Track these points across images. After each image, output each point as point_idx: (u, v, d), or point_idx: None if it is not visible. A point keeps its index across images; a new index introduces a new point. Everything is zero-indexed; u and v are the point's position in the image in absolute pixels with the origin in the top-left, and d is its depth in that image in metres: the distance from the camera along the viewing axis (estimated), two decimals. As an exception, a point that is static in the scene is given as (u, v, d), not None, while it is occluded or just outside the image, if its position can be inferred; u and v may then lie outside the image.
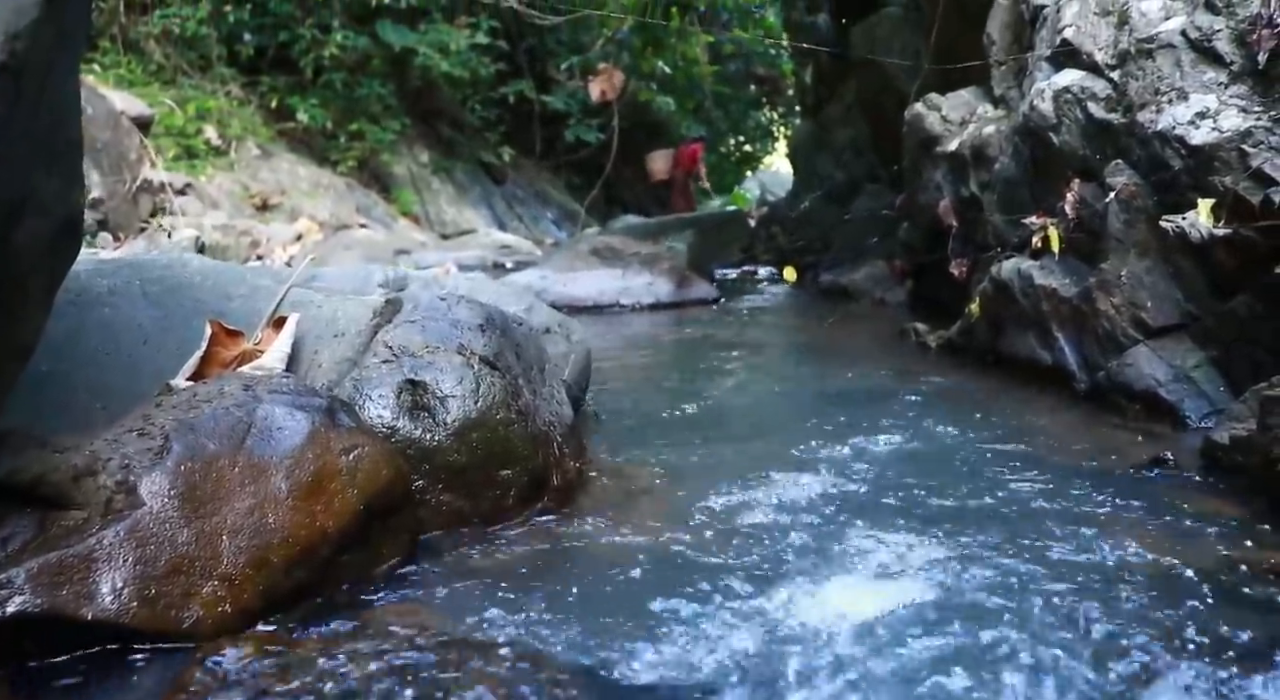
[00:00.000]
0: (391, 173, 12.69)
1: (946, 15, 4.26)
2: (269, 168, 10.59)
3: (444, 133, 13.54)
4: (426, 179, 12.94)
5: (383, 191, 12.50)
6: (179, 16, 10.73)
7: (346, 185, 11.31)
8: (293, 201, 10.11)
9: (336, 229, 10.21)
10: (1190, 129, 2.20)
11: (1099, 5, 2.68)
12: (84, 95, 6.32)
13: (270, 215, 9.82)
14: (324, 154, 12.05)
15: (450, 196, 13.05)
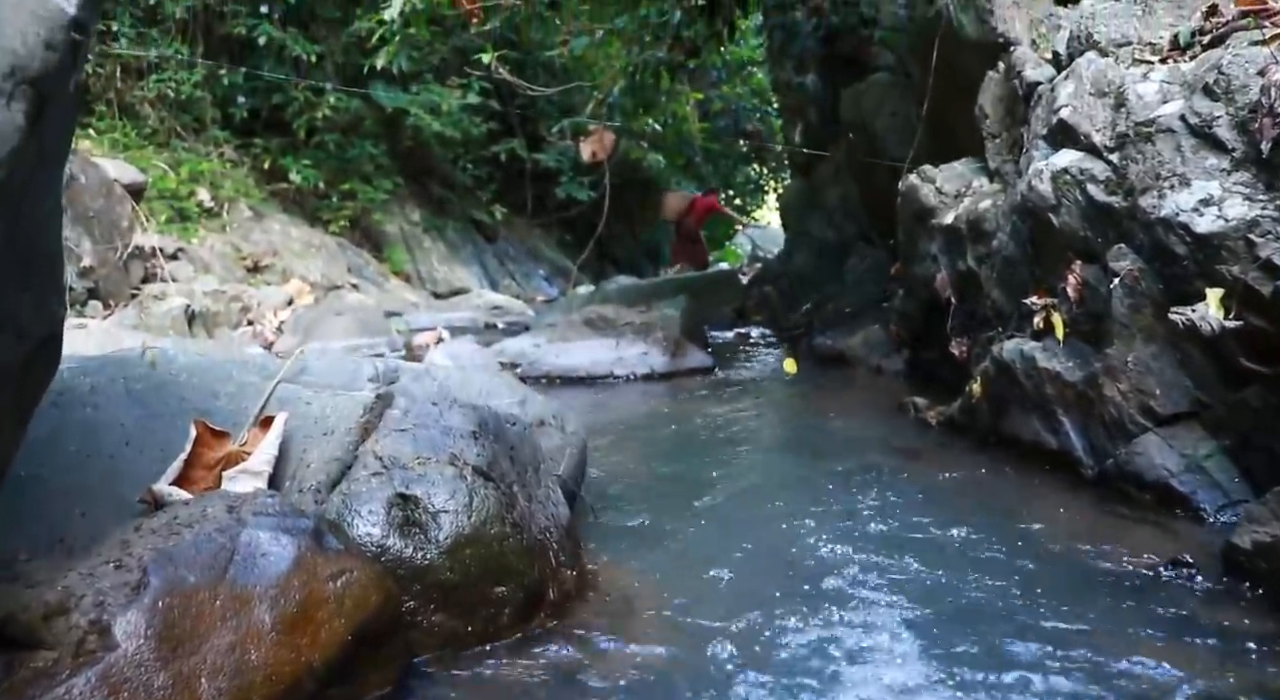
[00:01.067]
0: (383, 231, 12.70)
1: (937, 85, 4.27)
2: (261, 229, 10.58)
3: (435, 191, 13.58)
4: (418, 237, 12.96)
5: (374, 250, 12.51)
6: (174, 80, 10.79)
7: (338, 245, 11.30)
8: (284, 263, 10.09)
9: (328, 290, 10.19)
10: (1194, 216, 2.17)
11: (1095, 86, 2.67)
12: (77, 164, 6.33)
13: (262, 277, 9.80)
14: (316, 214, 12.06)
15: (442, 255, 13.06)
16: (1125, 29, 2.80)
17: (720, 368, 5.29)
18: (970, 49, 3.84)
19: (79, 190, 6.26)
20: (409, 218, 13.03)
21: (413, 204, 13.21)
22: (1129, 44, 2.75)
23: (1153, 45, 2.69)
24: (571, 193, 14.09)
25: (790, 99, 9.74)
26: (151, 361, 2.08)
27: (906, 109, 5.28)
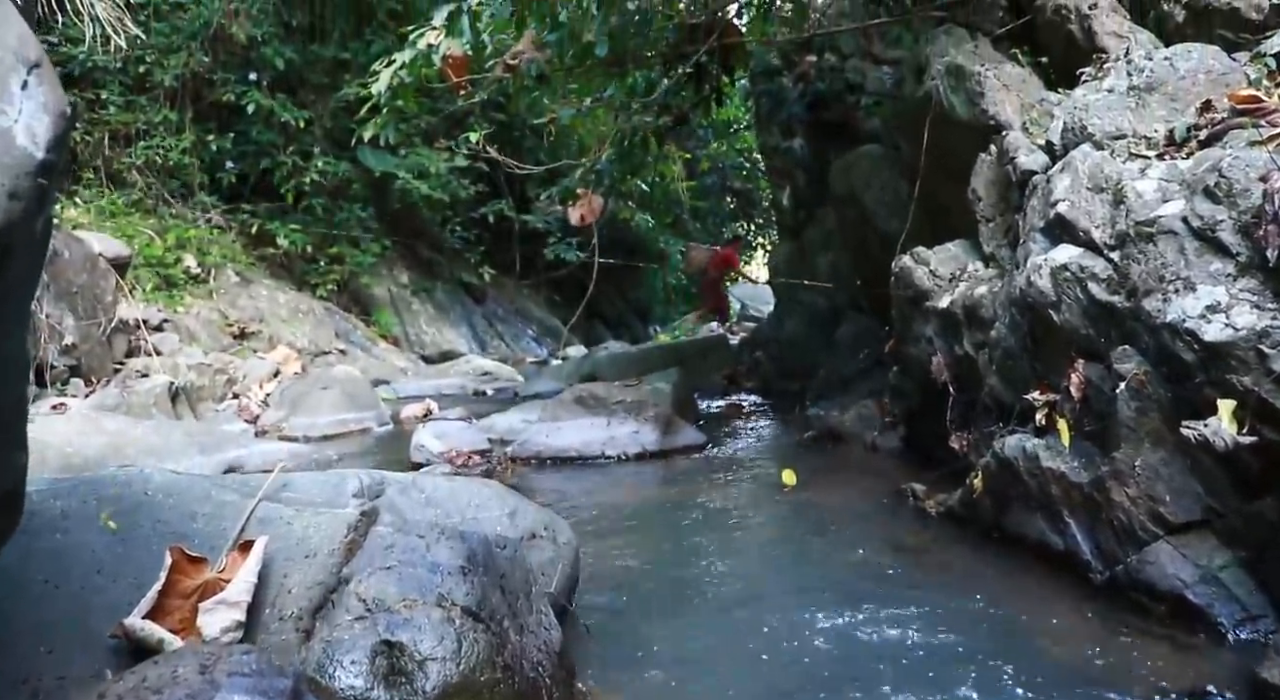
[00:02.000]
0: (371, 295, 12.65)
1: (929, 163, 4.26)
2: (248, 294, 10.51)
3: (424, 254, 13.56)
4: (406, 300, 12.91)
5: (363, 314, 12.44)
6: (162, 147, 10.79)
7: (326, 310, 11.23)
8: (271, 329, 10.00)
9: (315, 356, 10.10)
10: (1202, 323, 2.12)
11: (1091, 181, 2.64)
12: (60, 239, 6.26)
13: (249, 344, 9.69)
14: (303, 278, 12.01)
15: (430, 317, 13.00)
16: (1119, 121, 2.78)
17: (713, 444, 5.20)
18: (961, 129, 3.83)
19: (63, 266, 6.19)
20: (397, 280, 12.99)
21: (401, 266, 13.18)
22: (1124, 137, 2.73)
23: (1148, 139, 2.67)
24: (560, 254, 14.09)
25: (778, 162, 9.79)
26: (109, 526, 1.98)
27: (896, 182, 5.28)
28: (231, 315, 9.95)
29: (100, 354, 6.35)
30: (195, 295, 9.87)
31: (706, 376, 8.16)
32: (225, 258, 10.65)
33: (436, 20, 5.74)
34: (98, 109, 10.58)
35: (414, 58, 5.93)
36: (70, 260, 6.24)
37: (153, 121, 10.89)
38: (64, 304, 6.05)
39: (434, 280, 13.40)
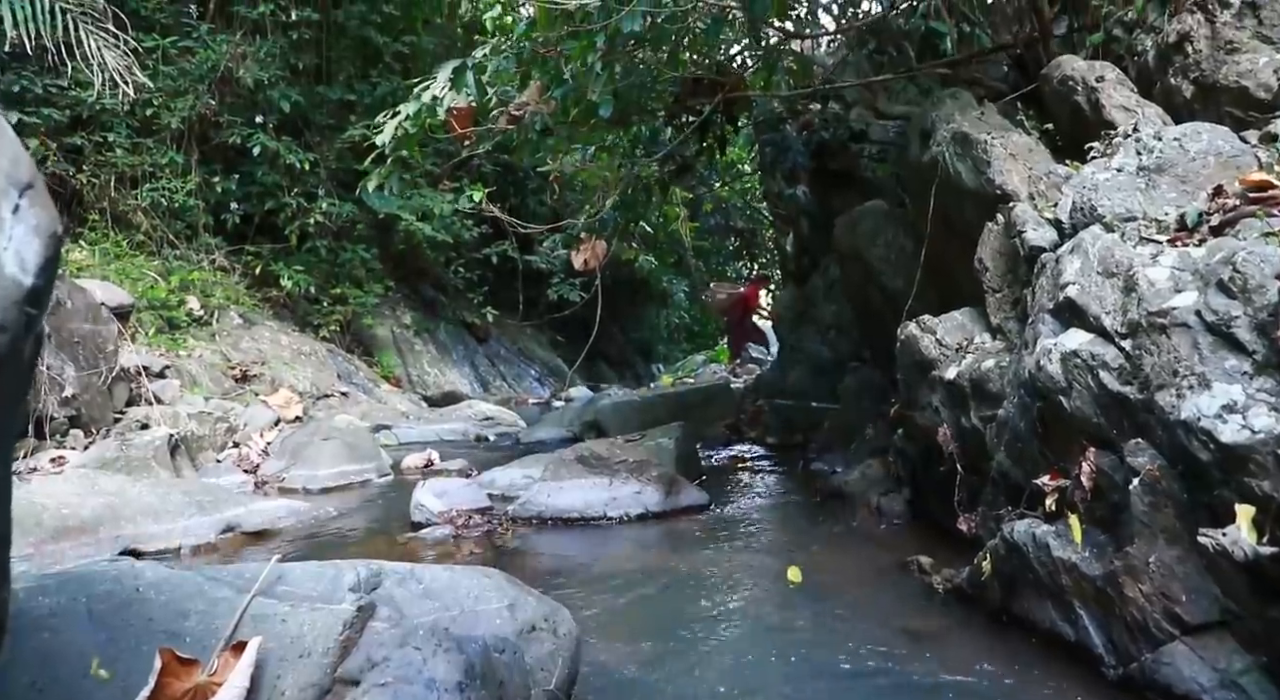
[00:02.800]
0: (374, 335, 12.65)
1: (935, 227, 4.24)
2: (250, 336, 10.49)
3: (427, 294, 13.58)
4: (409, 340, 12.90)
5: (365, 354, 12.43)
6: (168, 189, 10.83)
7: (328, 351, 11.21)
8: (273, 371, 9.97)
9: (317, 399, 10.06)
10: (1218, 423, 2.07)
11: (1102, 265, 2.60)
12: (64, 289, 6.24)
13: (251, 386, 9.67)
14: (306, 318, 12.01)
15: (432, 357, 12.99)
16: (1129, 203, 2.75)
17: (716, 504, 5.14)
18: (968, 196, 3.81)
19: (65, 316, 6.17)
20: (400, 320, 12.99)
21: (404, 306, 13.19)
22: (1134, 219, 2.70)
23: (1159, 222, 2.64)
24: (563, 294, 14.10)
25: (782, 208, 9.80)
26: (100, 675, 1.92)
27: (901, 240, 5.26)
28: (234, 357, 9.93)
29: (101, 403, 6.31)
30: (198, 337, 9.85)
31: (710, 425, 8.11)
32: (228, 299, 10.66)
33: (441, 76, 5.77)
34: (105, 152, 10.64)
35: (419, 110, 5.95)
36: (73, 310, 6.22)
37: (159, 164, 10.95)
38: (65, 354, 6.02)
39: (437, 320, 13.41)
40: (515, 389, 13.88)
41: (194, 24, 11.40)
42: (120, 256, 10.18)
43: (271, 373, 9.97)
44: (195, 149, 11.40)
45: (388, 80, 13.00)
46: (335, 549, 4.49)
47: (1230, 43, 3.11)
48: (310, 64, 12.65)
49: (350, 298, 12.07)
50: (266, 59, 11.46)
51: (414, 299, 13.43)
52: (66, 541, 4.09)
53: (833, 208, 8.74)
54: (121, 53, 8.13)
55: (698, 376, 14.10)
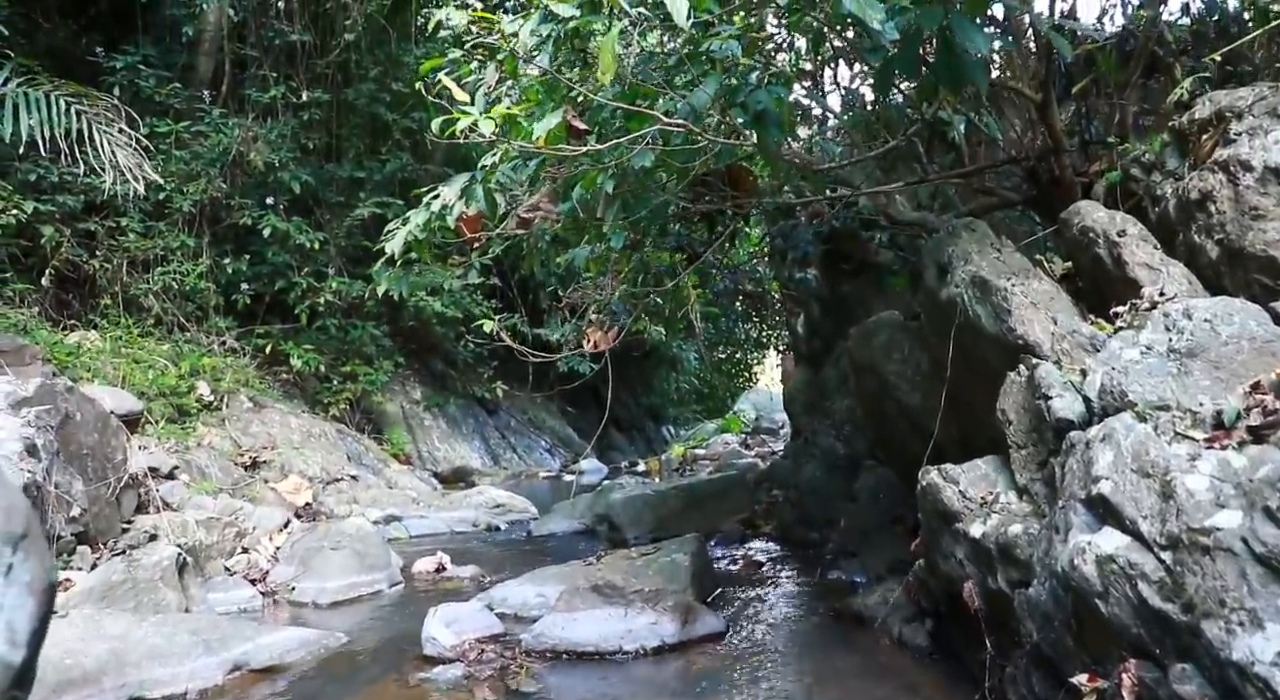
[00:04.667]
0: (384, 412, 12.60)
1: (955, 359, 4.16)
2: (260, 420, 10.45)
3: (436, 368, 13.55)
4: (419, 416, 12.85)
5: (375, 432, 12.37)
6: (179, 273, 10.87)
7: (338, 432, 11.16)
8: (283, 457, 9.90)
9: (326, 484, 10.00)
10: (1274, 671, 1.98)
11: (1136, 462, 2.52)
12: (74, 401, 6.20)
13: (260, 473, 9.62)
14: (316, 397, 11.99)
15: (443, 432, 12.92)
16: (1161, 389, 2.68)
17: (733, 626, 5.04)
18: (988, 341, 3.74)
19: (74, 429, 6.12)
20: (410, 396, 12.95)
21: (414, 381, 13.16)
22: (1167, 408, 2.62)
23: (1194, 414, 2.56)
24: (573, 366, 14.02)
25: (792, 290, 9.76)
26: None
27: (917, 355, 5.19)
28: (244, 443, 9.88)
29: (108, 514, 6.24)
30: (208, 423, 9.81)
31: (724, 518, 8.00)
32: (238, 382, 10.62)
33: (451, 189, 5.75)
34: (118, 236, 10.70)
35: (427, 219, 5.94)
36: (81, 422, 6.18)
37: (171, 247, 11.00)
38: (73, 468, 5.96)
39: (447, 394, 13.36)
40: (526, 461, 13.78)
41: (207, 109, 11.52)
42: (131, 342, 10.18)
43: (281, 458, 9.90)
44: (206, 231, 11.46)
45: (397, 156, 13.10)
46: (345, 690, 4.38)
47: (1255, 209, 3.05)
48: (320, 143, 12.77)
49: (360, 375, 12.05)
50: (277, 141, 11.55)
51: (424, 373, 13.39)
52: (70, 695, 3.99)
53: (844, 292, 8.71)
54: (133, 150, 8.17)
55: (709, 447, 13.98)
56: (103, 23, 12.03)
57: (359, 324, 12.16)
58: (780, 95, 4.02)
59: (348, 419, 11.91)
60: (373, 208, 12.18)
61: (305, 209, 12.18)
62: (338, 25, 12.91)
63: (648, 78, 3.91)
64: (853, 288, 8.56)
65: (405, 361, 12.81)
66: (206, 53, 12.12)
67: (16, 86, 7.87)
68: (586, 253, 7.92)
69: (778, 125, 4.15)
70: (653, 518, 7.75)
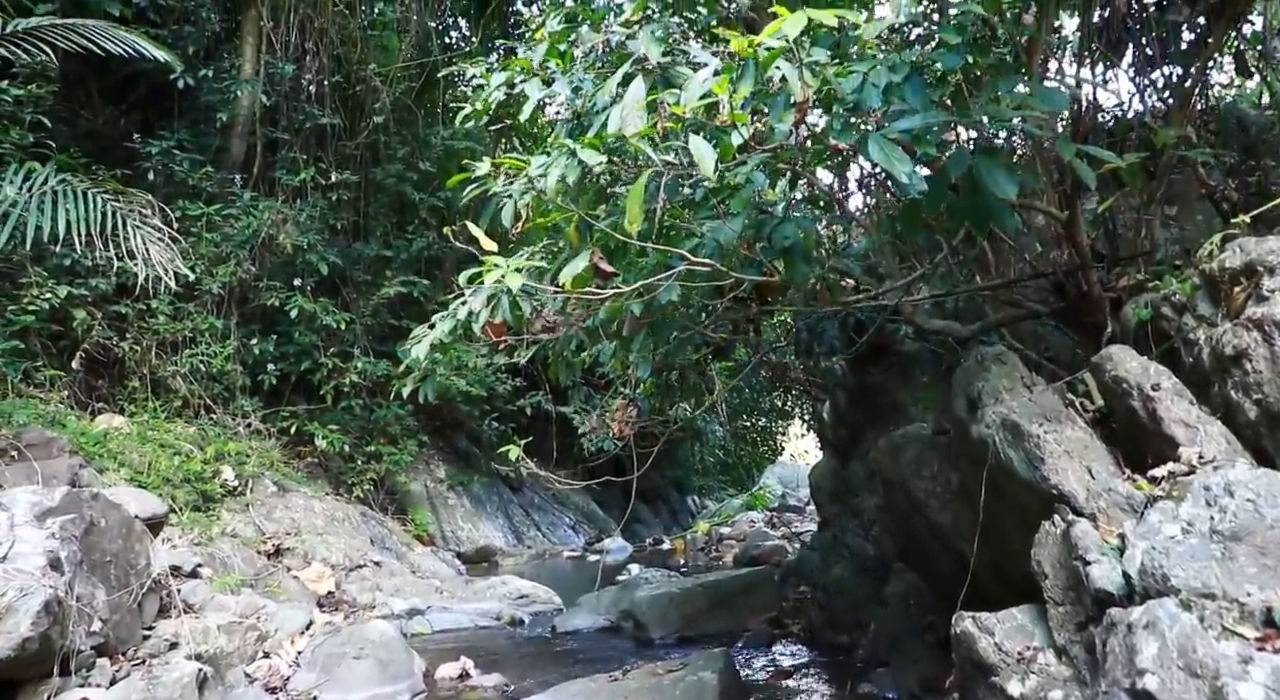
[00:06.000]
0: (408, 491, 12.58)
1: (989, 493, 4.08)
2: (284, 505, 10.45)
3: (461, 446, 13.54)
4: (443, 495, 12.81)
5: (398, 512, 12.34)
6: (206, 355, 10.96)
7: (361, 515, 11.12)
8: (306, 544, 9.88)
9: (349, 570, 9.96)
10: None
11: (1183, 658, 2.43)
12: (98, 508, 6.21)
13: (283, 560, 9.60)
14: (340, 477, 11.99)
15: (466, 512, 12.87)
16: (1205, 576, 2.60)
17: (763, 754, 4.91)
18: (1022, 485, 3.68)
19: (98, 536, 6.12)
20: (434, 474, 12.94)
21: (438, 460, 13.15)
22: (1213, 597, 2.54)
23: (1242, 606, 2.48)
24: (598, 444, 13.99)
25: (817, 377, 9.72)
26: None
27: (946, 473, 5.10)
28: (267, 528, 9.88)
29: (130, 622, 6.21)
30: (231, 509, 9.83)
31: (751, 616, 7.86)
32: (262, 465, 10.65)
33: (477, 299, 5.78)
34: (148, 318, 10.83)
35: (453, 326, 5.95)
36: (106, 529, 6.18)
37: (199, 329, 11.12)
38: (96, 577, 5.95)
39: (471, 472, 13.34)
40: (550, 538, 13.69)
41: (238, 192, 11.71)
42: (158, 426, 10.24)
43: (304, 545, 9.88)
44: (234, 312, 11.59)
45: (423, 235, 13.24)
46: None
47: (1295, 373, 3.00)
48: (348, 222, 12.94)
49: (385, 455, 12.05)
50: (306, 222, 11.71)
51: (448, 452, 13.39)
52: None
53: (871, 382, 8.64)
54: (165, 244, 8.29)
55: (734, 525, 13.84)
56: (141, 106, 12.32)
57: (384, 403, 12.19)
58: (807, 228, 4.03)
59: (371, 500, 11.89)
60: (399, 286, 12.29)
61: (332, 288, 12.29)
62: (367, 108, 13.15)
63: (675, 221, 3.92)
64: (880, 377, 8.50)
65: (429, 440, 12.81)
66: (239, 135, 12.36)
67: (56, 183, 8.02)
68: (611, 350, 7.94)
69: (806, 258, 4.16)
70: (678, 616, 7.63)
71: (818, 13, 3.16)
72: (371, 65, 13.10)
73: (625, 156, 3.90)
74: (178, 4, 11.86)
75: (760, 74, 3.32)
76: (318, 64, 12.63)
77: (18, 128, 9.70)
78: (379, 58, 13.78)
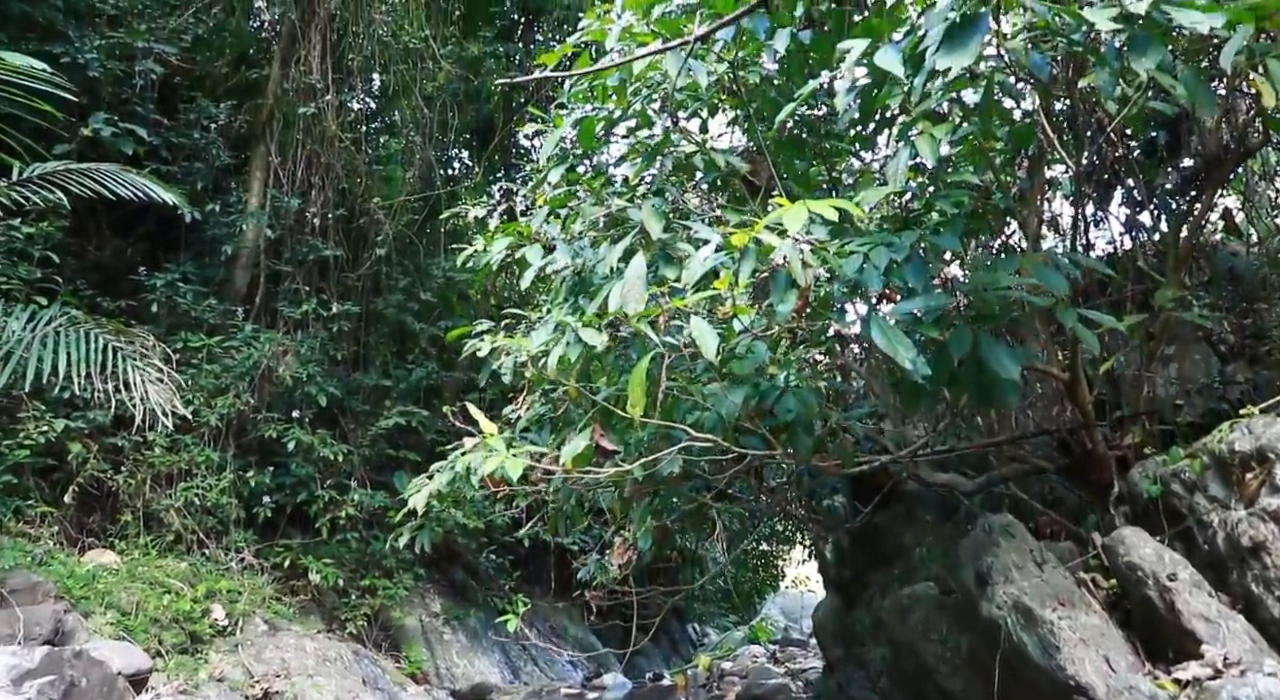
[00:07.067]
0: (403, 626, 12.26)
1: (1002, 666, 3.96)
2: (275, 644, 10.15)
3: (457, 579, 13.28)
4: (438, 630, 12.50)
5: (392, 649, 12.01)
6: (201, 488, 10.84)
7: (354, 654, 10.80)
8: (296, 687, 9.55)
9: (340, 716, 9.62)
10: None
11: None
12: (80, 666, 6.03)
13: (271, 706, 9.29)
14: (333, 612, 11.71)
15: (462, 647, 12.53)
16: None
17: None
18: (1037, 670, 3.56)
19: (79, 695, 5.92)
20: (429, 608, 12.64)
21: (433, 593, 12.87)
22: None
23: None
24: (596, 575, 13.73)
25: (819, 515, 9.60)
26: None
27: (957, 637, 4.97)
28: (256, 670, 9.57)
29: (109, 788, 5.96)
30: (220, 650, 9.56)
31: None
32: (254, 603, 10.39)
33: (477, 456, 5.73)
34: (144, 451, 10.74)
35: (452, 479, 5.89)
36: (86, 689, 5.99)
37: (195, 461, 11.02)
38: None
39: (467, 606, 13.03)
40: (548, 674, 13.29)
41: (239, 324, 11.78)
42: (149, 563, 10.05)
43: (294, 689, 9.56)
44: (231, 444, 11.51)
45: (423, 364, 13.27)
46: None
47: (1316, 574, 2.93)
48: (348, 352, 12.98)
49: (380, 589, 11.79)
50: (306, 353, 11.75)
51: (444, 584, 13.12)
52: None
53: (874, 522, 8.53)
54: (164, 385, 8.29)
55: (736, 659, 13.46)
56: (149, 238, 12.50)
57: (380, 535, 11.98)
58: (808, 401, 4.01)
59: (365, 635, 11.58)
60: (398, 418, 12.26)
61: (331, 419, 12.25)
62: (370, 239, 13.36)
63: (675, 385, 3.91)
64: (884, 518, 8.39)
65: (425, 573, 12.56)
66: (243, 267, 12.51)
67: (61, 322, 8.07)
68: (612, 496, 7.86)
69: (808, 430, 4.13)
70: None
71: (818, 205, 3.21)
72: (375, 198, 13.37)
73: (628, 333, 3.91)
74: (188, 141, 12.18)
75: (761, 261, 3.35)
76: (323, 197, 12.89)
77: (26, 264, 9.84)
78: (382, 189, 14.08)
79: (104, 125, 10.80)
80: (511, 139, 15.69)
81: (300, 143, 12.91)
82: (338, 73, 13.41)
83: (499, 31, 15.85)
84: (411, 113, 14.08)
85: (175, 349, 10.70)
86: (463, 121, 14.85)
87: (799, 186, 5.75)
